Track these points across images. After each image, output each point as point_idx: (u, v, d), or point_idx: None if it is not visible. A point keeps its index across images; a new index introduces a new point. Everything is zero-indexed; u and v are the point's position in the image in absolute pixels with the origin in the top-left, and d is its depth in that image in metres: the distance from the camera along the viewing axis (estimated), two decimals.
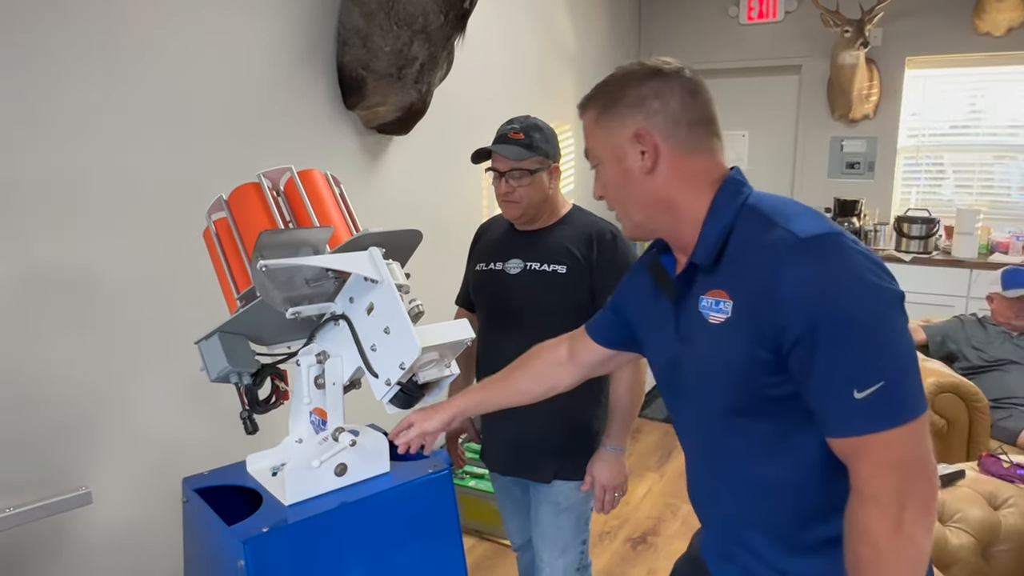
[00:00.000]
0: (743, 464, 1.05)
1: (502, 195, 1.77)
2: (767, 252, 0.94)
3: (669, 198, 1.04)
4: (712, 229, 1.02)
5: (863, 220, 4.65)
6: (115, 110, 1.95)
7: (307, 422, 1.47)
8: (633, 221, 1.10)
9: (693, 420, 1.13)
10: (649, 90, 1.03)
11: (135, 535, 2.09)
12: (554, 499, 1.82)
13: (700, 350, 1.04)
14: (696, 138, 1.04)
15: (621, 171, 1.06)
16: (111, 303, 1.98)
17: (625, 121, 1.04)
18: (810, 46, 4.81)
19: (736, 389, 1.00)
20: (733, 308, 0.98)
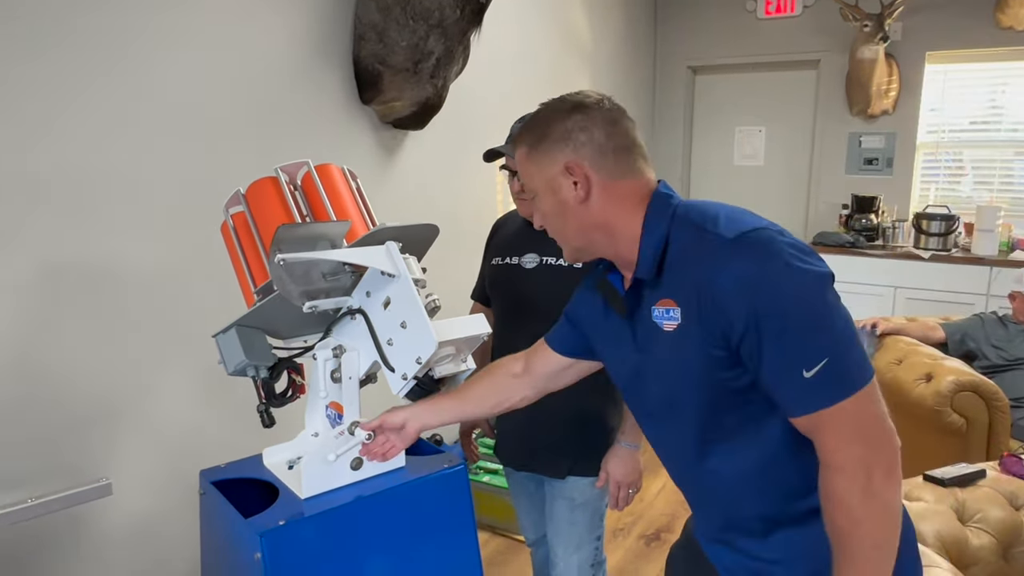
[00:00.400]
0: (719, 456, 1.10)
1: (515, 193, 1.77)
2: (702, 256, 1.00)
3: (605, 222, 1.10)
4: (649, 244, 1.08)
5: (881, 217, 4.61)
6: (134, 105, 1.96)
7: (323, 416, 1.47)
8: (572, 247, 1.15)
9: (664, 422, 1.18)
10: (574, 124, 1.09)
11: (152, 527, 2.11)
12: (569, 495, 1.82)
13: (660, 357, 1.10)
14: (622, 163, 1.10)
15: (557, 202, 1.11)
16: (130, 297, 1.99)
17: (555, 155, 1.09)
18: (828, 41, 4.76)
19: (699, 388, 1.05)
20: (682, 314, 1.04)
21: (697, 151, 5.49)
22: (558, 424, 1.81)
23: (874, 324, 3.23)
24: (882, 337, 3.20)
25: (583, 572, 1.84)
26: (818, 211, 4.99)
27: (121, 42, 1.91)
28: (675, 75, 5.37)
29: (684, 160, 5.47)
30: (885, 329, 3.21)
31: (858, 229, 4.58)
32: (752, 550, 1.13)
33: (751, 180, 5.30)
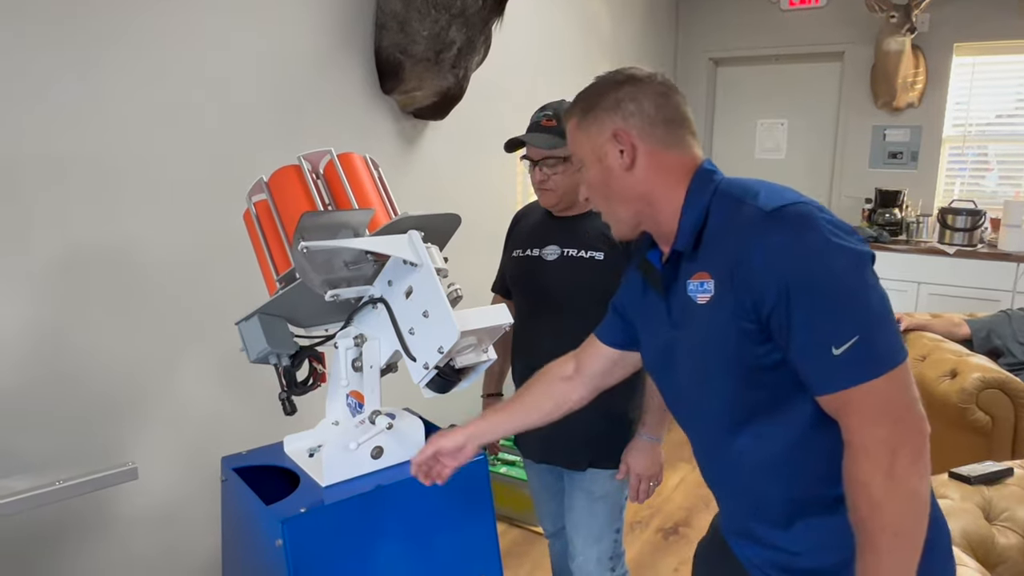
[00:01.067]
0: (747, 437, 1.08)
1: (537, 183, 1.76)
2: (739, 228, 1.01)
3: (648, 192, 1.11)
4: (689, 216, 1.08)
5: (905, 211, 4.54)
6: (157, 93, 1.96)
7: (344, 404, 1.48)
8: (618, 218, 1.16)
9: (693, 402, 1.16)
10: (624, 94, 1.11)
11: (174, 513, 2.13)
12: (588, 487, 1.81)
13: (693, 331, 1.09)
14: (670, 135, 1.11)
15: (602, 169, 1.13)
16: (152, 284, 2.01)
17: (604, 123, 1.11)
18: (854, 32, 4.69)
19: (729, 362, 1.04)
20: (715, 286, 1.04)
21: (718, 144, 5.44)
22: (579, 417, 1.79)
23: (898, 320, 3.18)
24: (906, 333, 3.16)
25: (602, 564, 1.83)
26: (841, 205, 4.93)
27: (146, 30, 1.92)
28: (696, 67, 5.32)
29: (705, 153, 5.30)
30: (909, 325, 3.17)
31: (881, 224, 4.52)
32: (776, 541, 1.11)
33: (772, 174, 5.24)
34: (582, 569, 1.84)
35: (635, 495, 1.77)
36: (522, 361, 1.90)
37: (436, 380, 1.32)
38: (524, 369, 1.90)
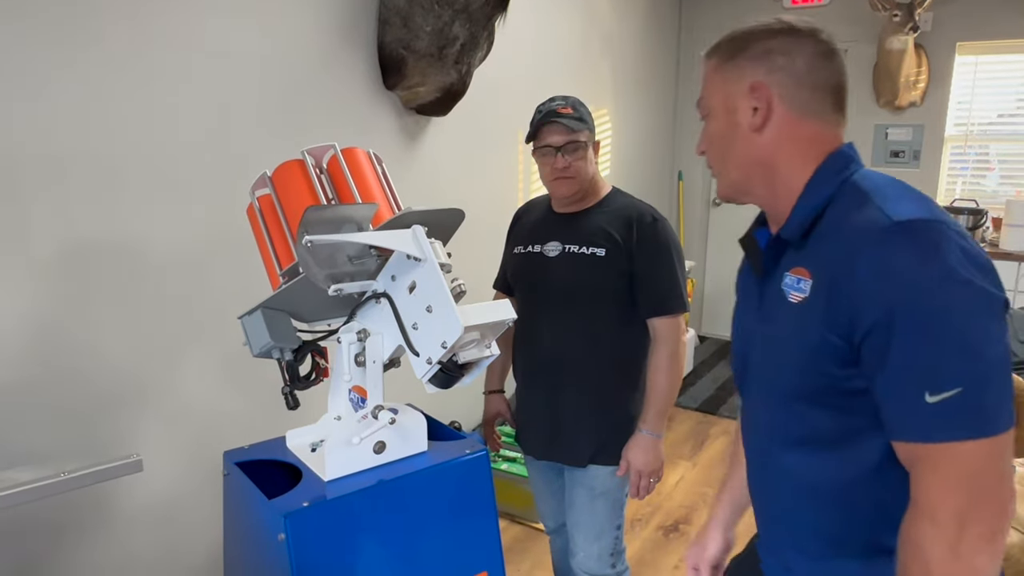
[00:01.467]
0: (800, 454, 0.99)
1: (559, 170, 1.74)
2: (855, 231, 0.88)
3: (771, 161, 0.99)
4: (807, 202, 0.96)
5: None
6: (160, 88, 1.96)
7: (346, 399, 1.48)
8: (728, 179, 1.05)
9: (757, 403, 1.07)
10: (777, 45, 0.97)
11: (176, 507, 2.13)
12: (589, 484, 1.82)
13: (775, 329, 0.99)
14: (816, 103, 0.97)
15: (728, 124, 1.01)
16: (155, 278, 2.01)
17: (744, 72, 0.98)
18: (857, 30, 4.68)
19: (803, 373, 0.94)
20: (812, 287, 0.92)
21: None
22: (580, 413, 1.80)
23: None
24: None
25: (603, 560, 1.84)
26: None
27: (148, 26, 1.92)
28: (699, 64, 5.29)
29: None
30: None
31: None
32: (801, 570, 1.04)
33: None
34: (583, 565, 1.85)
35: (635, 491, 1.77)
36: (523, 357, 1.91)
37: (439, 375, 1.31)
38: (526, 365, 1.91)
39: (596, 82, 4.22)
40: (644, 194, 2.20)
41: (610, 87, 4.38)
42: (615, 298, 1.76)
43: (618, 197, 1.84)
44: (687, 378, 4.71)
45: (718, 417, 4.14)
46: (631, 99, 4.66)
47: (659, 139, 5.19)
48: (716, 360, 5.13)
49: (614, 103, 4.43)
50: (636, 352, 1.81)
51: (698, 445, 3.78)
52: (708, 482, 3.37)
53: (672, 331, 1.75)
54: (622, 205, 1.80)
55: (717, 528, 1.29)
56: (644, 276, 1.74)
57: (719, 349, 5.36)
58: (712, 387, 4.58)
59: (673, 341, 1.75)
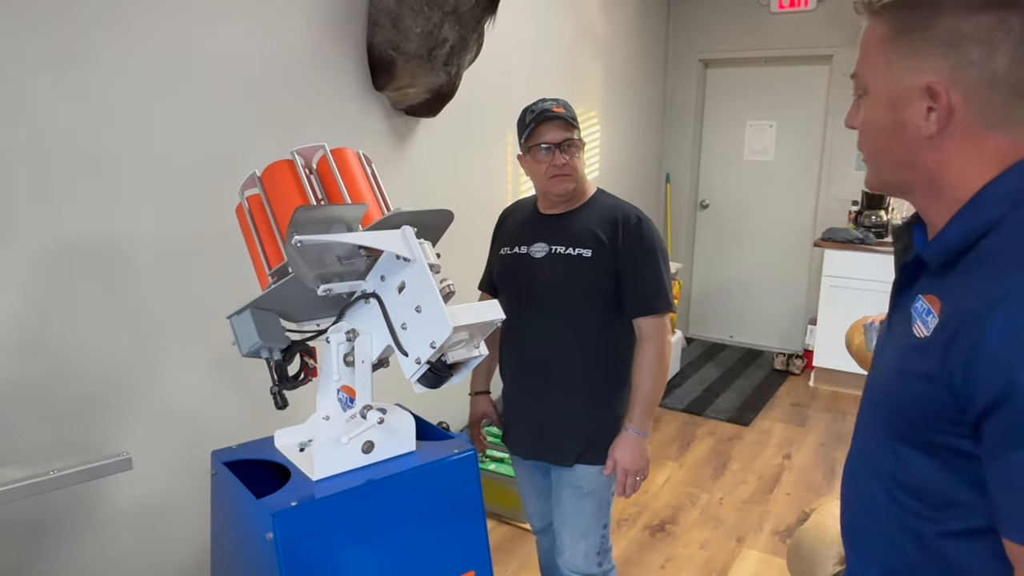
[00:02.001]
0: (882, 495, 0.87)
1: (558, 167, 1.75)
2: (1002, 279, 0.71)
3: (938, 173, 0.80)
4: (965, 223, 0.78)
5: (891, 214, 4.59)
6: (148, 86, 1.96)
7: (335, 399, 1.48)
8: (880, 178, 0.89)
9: (864, 416, 0.95)
10: (975, 29, 0.73)
11: (163, 507, 2.12)
12: (576, 483, 1.83)
13: (893, 353, 0.86)
14: (1009, 109, 0.76)
15: (891, 121, 0.81)
16: (143, 278, 2.00)
17: (922, 62, 0.77)
18: (842, 35, 4.73)
19: (903, 414, 0.82)
20: (936, 327, 0.76)
21: (707, 145, 5.48)
22: (566, 413, 1.81)
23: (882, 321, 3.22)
24: None
25: (589, 559, 1.85)
26: (828, 207, 4.97)
27: (137, 23, 1.91)
28: (687, 68, 5.35)
29: (694, 153, 5.45)
30: None
31: (867, 226, 4.56)
32: None
33: (761, 175, 5.28)
34: (569, 564, 1.86)
35: (622, 490, 1.79)
36: (510, 358, 1.92)
37: (428, 375, 1.32)
38: (512, 366, 1.92)
39: (586, 84, 4.24)
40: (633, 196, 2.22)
41: (600, 89, 4.41)
42: (601, 298, 1.78)
43: (604, 198, 1.86)
44: (674, 379, 4.73)
45: (704, 418, 4.17)
46: (620, 101, 4.68)
47: (648, 141, 5.22)
48: (703, 361, 5.16)
49: (604, 105, 4.45)
50: (622, 352, 1.83)
51: (684, 446, 3.81)
52: (694, 482, 3.39)
53: (657, 331, 1.77)
54: (608, 206, 1.82)
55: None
56: (629, 276, 1.76)
57: (706, 351, 5.40)
58: (699, 388, 4.61)
59: (659, 341, 1.77)
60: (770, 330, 5.42)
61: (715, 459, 3.66)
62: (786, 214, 5.23)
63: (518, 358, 1.90)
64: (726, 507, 3.17)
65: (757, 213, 5.35)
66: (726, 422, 4.13)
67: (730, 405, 4.35)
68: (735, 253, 5.48)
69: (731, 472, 3.52)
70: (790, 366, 4.94)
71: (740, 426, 4.07)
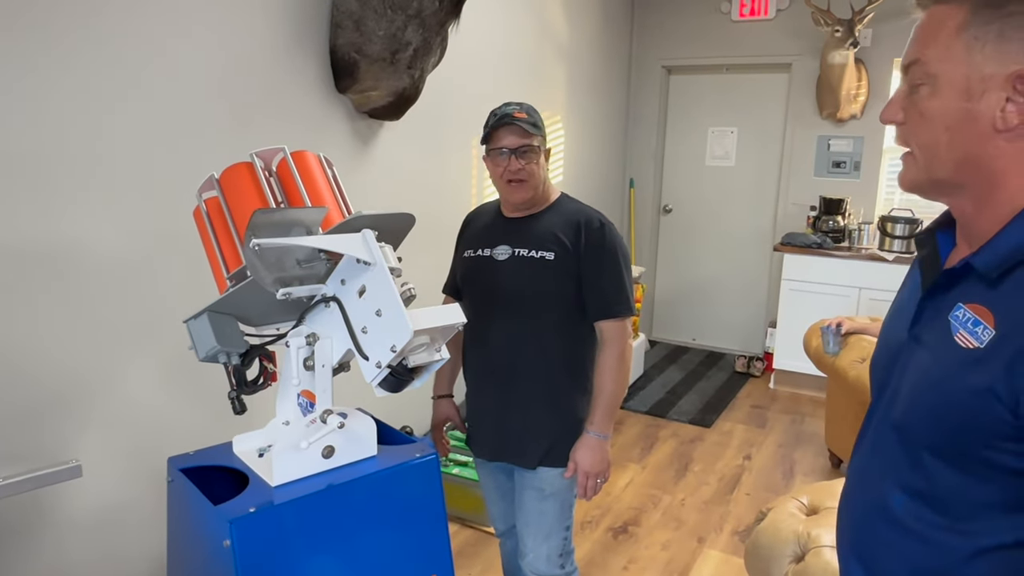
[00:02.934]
0: (902, 509, 0.86)
1: (513, 173, 1.76)
2: None
3: (1002, 172, 0.77)
4: (1019, 233, 0.76)
5: (848, 219, 4.70)
6: (105, 88, 1.92)
7: (295, 404, 1.47)
8: (931, 174, 0.83)
9: (881, 426, 0.92)
10: None
11: (116, 515, 2.07)
12: (539, 485, 1.84)
13: (928, 362, 0.83)
14: None
15: (960, 110, 0.78)
16: (97, 280, 1.96)
17: (1010, 50, 0.74)
18: (800, 44, 4.84)
19: (945, 428, 0.79)
20: (993, 341, 0.74)
21: (670, 150, 5.55)
22: (529, 415, 1.82)
23: (839, 324, 3.30)
24: (846, 336, 3.27)
25: (552, 561, 1.86)
26: (787, 212, 5.07)
27: (92, 22, 1.88)
28: (650, 74, 5.41)
29: (657, 159, 5.52)
30: (849, 328, 3.28)
31: (825, 231, 4.66)
32: None
33: (722, 180, 5.37)
34: (532, 566, 1.87)
35: (583, 492, 1.80)
36: (473, 361, 1.92)
37: (389, 379, 1.32)
38: (475, 369, 1.92)
39: (550, 89, 4.27)
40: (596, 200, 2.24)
41: (563, 94, 4.43)
42: (563, 301, 1.79)
43: (567, 202, 1.87)
44: (637, 382, 4.78)
45: (667, 420, 4.21)
46: (585, 106, 4.72)
47: (612, 146, 5.27)
48: (666, 364, 5.22)
49: (567, 110, 4.48)
50: (584, 355, 1.85)
51: (647, 448, 3.85)
52: (657, 484, 3.43)
53: (619, 334, 1.78)
54: (571, 210, 1.84)
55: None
56: (591, 280, 1.78)
57: (669, 354, 5.46)
58: (661, 391, 4.66)
59: (620, 344, 1.78)
60: (731, 333, 5.51)
61: (677, 461, 3.70)
62: (747, 219, 5.33)
63: (481, 361, 1.90)
64: (687, 508, 3.21)
65: (719, 218, 5.44)
66: (688, 424, 4.18)
67: (692, 407, 4.41)
68: (697, 257, 5.56)
69: (693, 473, 3.56)
70: (751, 368, 5.03)
71: (702, 428, 4.12)
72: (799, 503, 2.10)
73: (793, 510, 2.06)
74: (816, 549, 1.84)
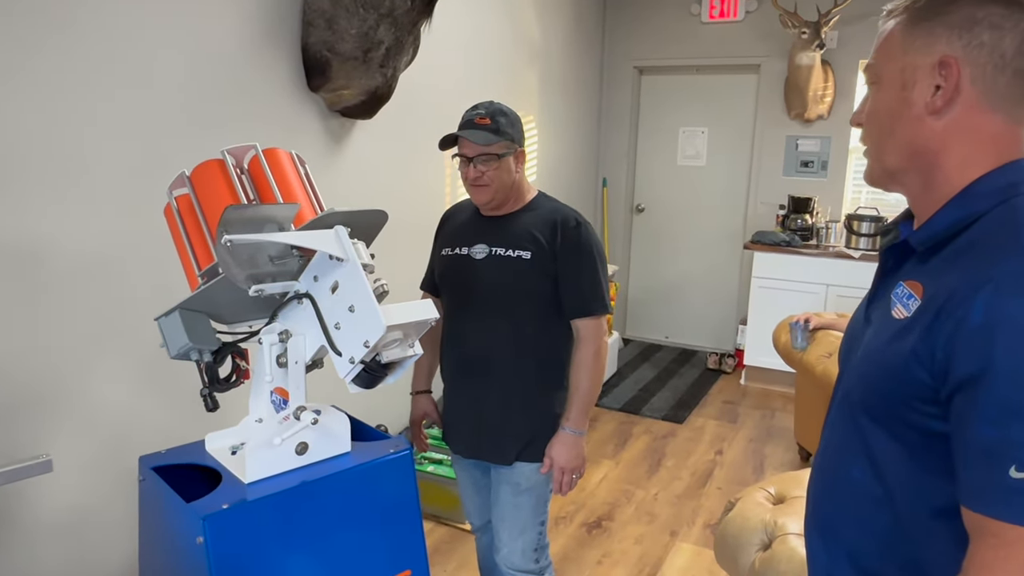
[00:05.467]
0: (856, 479, 0.91)
1: (471, 180, 1.79)
2: (987, 264, 0.77)
3: (937, 152, 0.85)
4: (953, 212, 0.84)
5: (815, 217, 4.78)
6: (71, 85, 1.90)
7: (268, 401, 1.47)
8: (882, 164, 0.92)
9: (838, 402, 0.99)
10: (987, 15, 0.81)
11: (88, 514, 2.05)
12: (515, 480, 1.85)
13: (872, 338, 0.90)
14: (1011, 96, 0.83)
15: (899, 99, 0.87)
16: (69, 278, 1.93)
17: (937, 41, 0.83)
18: (769, 46, 4.92)
19: (880, 395, 0.86)
20: (918, 309, 0.82)
21: (642, 150, 5.60)
22: (506, 412, 1.84)
23: (807, 320, 3.36)
24: (814, 332, 3.34)
25: (526, 556, 1.87)
26: (757, 211, 5.15)
27: (60, 17, 1.85)
28: (622, 74, 5.46)
29: (629, 159, 5.57)
30: (817, 324, 3.35)
31: (794, 229, 4.74)
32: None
33: (694, 180, 5.43)
34: (507, 560, 1.88)
35: (558, 487, 1.82)
36: (451, 358, 1.93)
37: (362, 375, 1.33)
38: (453, 366, 1.93)
39: (523, 89, 4.29)
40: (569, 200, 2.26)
41: (536, 94, 4.46)
42: (540, 300, 1.81)
43: (544, 201, 1.89)
44: (611, 379, 4.82)
45: (640, 417, 4.26)
46: (557, 106, 4.74)
47: (584, 145, 5.30)
48: (639, 362, 5.27)
49: (540, 110, 4.51)
50: (560, 352, 1.87)
51: (621, 444, 3.88)
52: (630, 480, 3.46)
53: (594, 332, 1.81)
54: (547, 209, 1.85)
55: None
56: (567, 278, 1.80)
57: (642, 351, 5.51)
58: (635, 388, 4.71)
59: (595, 341, 1.81)
60: (704, 330, 5.58)
61: (650, 456, 3.75)
62: (718, 217, 5.40)
63: (458, 358, 1.91)
64: (660, 503, 3.25)
65: (690, 217, 5.50)
66: (661, 420, 4.22)
67: (665, 404, 4.46)
68: (670, 256, 5.62)
69: (665, 469, 3.60)
70: (723, 365, 5.09)
71: (675, 424, 4.17)
72: (766, 493, 2.15)
73: (760, 500, 2.10)
74: (783, 536, 1.88)
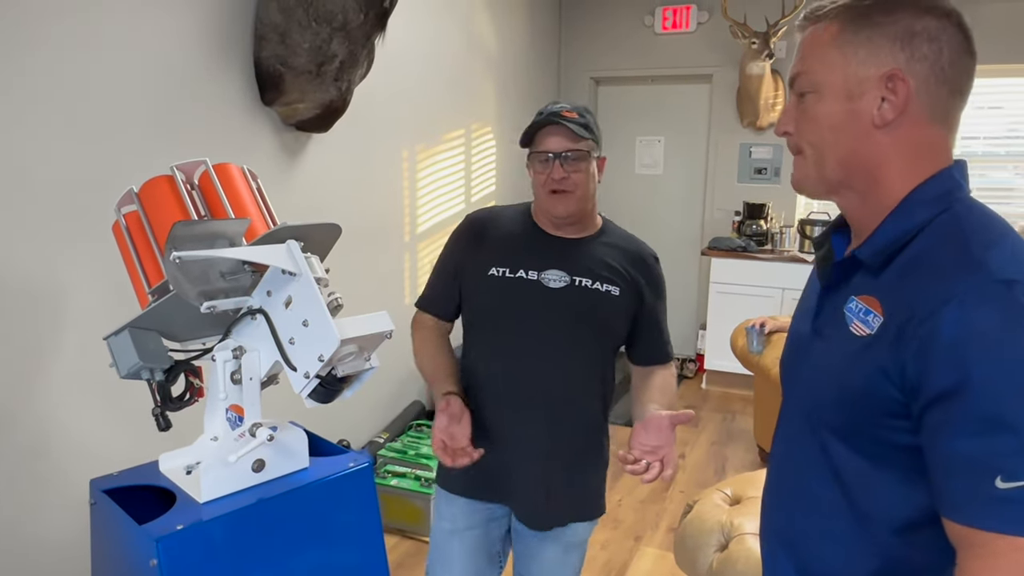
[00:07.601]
0: (819, 493, 0.91)
1: (556, 181, 1.51)
2: (945, 277, 0.77)
3: (880, 165, 0.85)
4: (896, 224, 0.84)
5: (770, 223, 4.89)
6: (11, 98, 1.86)
7: (223, 419, 1.45)
8: (822, 174, 0.90)
9: (792, 416, 0.99)
10: (925, 28, 0.81)
11: (34, 544, 1.99)
12: (567, 538, 1.69)
13: (828, 353, 0.90)
14: (949, 106, 0.84)
15: (845, 111, 0.85)
16: (11, 298, 1.88)
17: (883, 55, 0.82)
18: (721, 56, 5.02)
19: (845, 412, 0.86)
20: (881, 327, 0.81)
21: None
22: (581, 467, 1.66)
23: (762, 323, 3.43)
24: (770, 335, 3.41)
25: None
26: (713, 217, 5.24)
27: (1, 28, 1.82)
28: (578, 85, 5.52)
29: None
30: (773, 327, 3.42)
31: (749, 234, 4.84)
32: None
33: (651, 188, 5.51)
34: None
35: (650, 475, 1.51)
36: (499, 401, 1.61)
37: (318, 390, 1.32)
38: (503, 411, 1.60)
39: (479, 100, 4.31)
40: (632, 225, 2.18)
41: (493, 104, 4.49)
42: (615, 340, 1.61)
43: (615, 228, 1.69)
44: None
45: None
46: (515, 116, 4.78)
47: None
48: None
49: (498, 120, 4.53)
50: (610, 395, 1.68)
51: None
52: None
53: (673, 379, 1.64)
54: (622, 237, 1.65)
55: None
56: (651, 322, 1.63)
57: None
58: None
59: None
60: None
61: (614, 463, 3.76)
62: (676, 225, 5.48)
63: (513, 402, 1.59)
64: (624, 508, 3.28)
65: (649, 224, 5.56)
66: (624, 426, 4.25)
67: (628, 410, 4.48)
68: None
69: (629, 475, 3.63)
70: (684, 370, 5.16)
71: None
72: (723, 494, 2.18)
73: (718, 501, 2.14)
74: (739, 536, 1.91)
